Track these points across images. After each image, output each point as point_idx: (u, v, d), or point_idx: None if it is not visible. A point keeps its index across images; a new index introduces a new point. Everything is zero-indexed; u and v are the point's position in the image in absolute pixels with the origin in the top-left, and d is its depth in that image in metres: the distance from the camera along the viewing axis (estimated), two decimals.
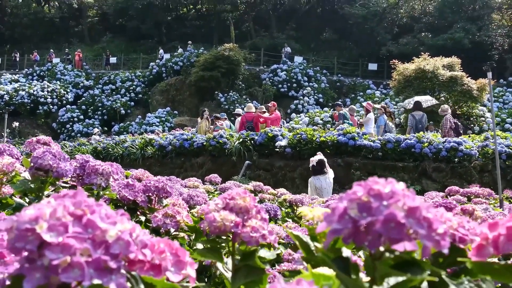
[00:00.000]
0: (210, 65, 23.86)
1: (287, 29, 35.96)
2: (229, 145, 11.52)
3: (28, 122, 25.92)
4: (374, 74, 28.35)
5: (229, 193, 1.01)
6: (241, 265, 0.97)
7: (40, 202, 0.59)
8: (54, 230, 0.56)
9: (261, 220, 0.98)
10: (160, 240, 0.71)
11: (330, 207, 0.55)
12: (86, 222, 0.58)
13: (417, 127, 11.88)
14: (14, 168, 1.88)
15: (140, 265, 0.66)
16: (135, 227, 0.61)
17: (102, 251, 0.57)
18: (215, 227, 0.94)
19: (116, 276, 0.57)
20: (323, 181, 7.00)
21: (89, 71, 30.68)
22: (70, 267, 0.54)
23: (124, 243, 0.59)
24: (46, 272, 0.54)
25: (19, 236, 0.56)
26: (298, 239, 0.84)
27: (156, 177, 2.24)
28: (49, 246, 0.55)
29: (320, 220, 0.83)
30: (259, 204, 1.05)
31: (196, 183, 4.56)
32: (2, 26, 39.31)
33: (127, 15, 37.84)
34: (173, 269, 0.70)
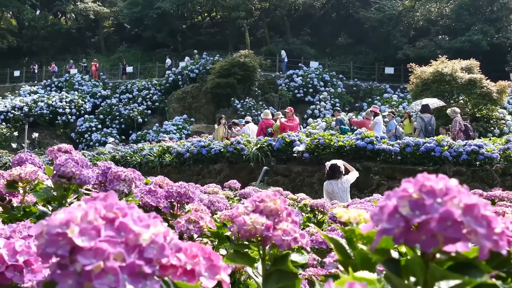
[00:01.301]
0: (226, 72, 23.91)
1: (302, 34, 35.92)
2: (247, 151, 11.50)
3: (47, 133, 26.23)
4: (391, 78, 28.12)
5: (259, 195, 0.98)
6: (272, 270, 0.94)
7: (71, 206, 0.57)
8: (86, 234, 0.53)
9: (292, 223, 0.95)
10: (193, 244, 0.68)
11: (378, 206, 0.52)
12: (118, 225, 0.56)
13: (426, 129, 11.76)
14: (37, 176, 1.87)
15: (173, 270, 0.63)
16: (168, 230, 0.59)
17: (135, 255, 0.54)
18: (246, 230, 0.91)
19: (150, 281, 0.55)
20: (335, 185, 6.96)
21: (106, 80, 30.98)
22: (104, 272, 0.52)
23: (158, 247, 0.56)
24: (78, 278, 0.52)
25: (50, 241, 0.53)
26: (334, 242, 0.81)
27: (178, 183, 2.22)
28: (81, 251, 0.52)
29: (357, 222, 0.79)
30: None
31: (216, 189, 4.54)
32: (20, 39, 39.92)
33: (143, 25, 38.16)
34: (207, 274, 0.67)
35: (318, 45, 35.03)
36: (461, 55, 19.61)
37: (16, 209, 1.89)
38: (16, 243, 0.88)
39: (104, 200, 0.58)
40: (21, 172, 1.82)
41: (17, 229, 1.14)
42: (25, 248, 0.88)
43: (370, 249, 0.54)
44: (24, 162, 2.14)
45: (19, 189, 1.87)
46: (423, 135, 11.43)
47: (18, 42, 39.47)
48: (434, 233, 0.46)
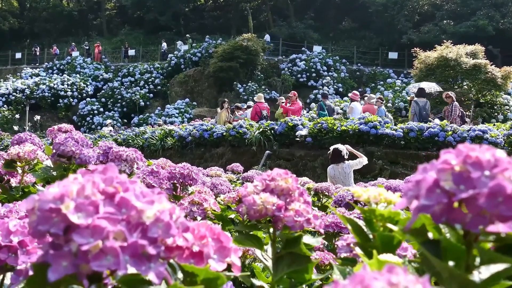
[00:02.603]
0: (229, 55, 23.73)
1: (306, 19, 35.60)
2: (249, 135, 11.44)
3: (49, 115, 26.16)
4: (395, 63, 27.89)
5: (269, 173, 0.92)
6: (283, 253, 0.88)
7: (66, 179, 0.51)
8: (83, 210, 0.47)
9: (304, 203, 0.89)
10: (200, 224, 0.62)
11: (412, 180, 0.46)
12: (119, 201, 0.50)
13: (421, 114, 11.62)
14: (36, 155, 1.82)
15: (179, 251, 0.57)
16: (174, 207, 0.53)
17: (138, 234, 0.48)
18: (255, 210, 0.85)
19: (155, 264, 0.49)
20: (336, 170, 6.96)
21: (108, 63, 30.80)
22: (103, 253, 0.46)
23: (164, 225, 0.50)
24: (74, 259, 0.46)
25: (42, 217, 0.47)
26: (352, 223, 0.75)
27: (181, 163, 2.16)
28: (77, 229, 0.46)
29: (377, 201, 0.73)
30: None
31: (218, 172, 4.48)
32: (22, 21, 39.65)
33: (145, 7, 37.85)
34: (216, 256, 0.61)
35: (322, 29, 34.73)
36: (466, 40, 19.41)
37: (14, 190, 1.83)
38: (10, 223, 0.82)
39: (103, 173, 0.52)
40: (19, 151, 1.76)
41: (13, 209, 1.09)
42: (20, 228, 0.83)
43: (404, 230, 0.48)
44: (23, 142, 2.08)
45: (18, 169, 1.82)
46: (417, 119, 11.33)
47: (20, 23, 39.22)
48: (482, 210, 0.40)
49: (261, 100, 13.77)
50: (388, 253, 0.69)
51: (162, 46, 31.20)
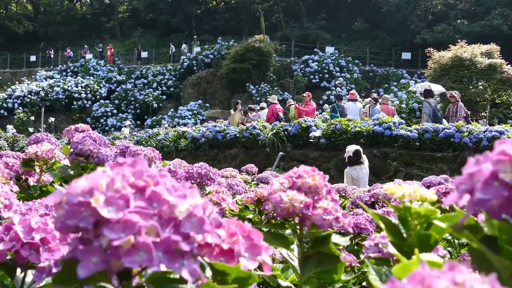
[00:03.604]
0: (241, 57, 23.73)
1: (318, 19, 35.50)
2: (263, 137, 11.41)
3: (63, 117, 26.37)
4: (408, 64, 27.69)
5: (295, 170, 0.90)
6: (311, 252, 0.85)
7: (94, 172, 0.48)
8: (113, 204, 0.45)
9: (332, 201, 0.86)
10: (230, 221, 0.60)
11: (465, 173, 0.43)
12: (150, 194, 0.47)
13: (435, 114, 11.47)
14: (53, 154, 1.81)
15: (208, 249, 0.55)
16: (207, 202, 0.50)
17: (171, 230, 0.46)
18: (283, 208, 0.82)
19: (188, 261, 0.46)
20: (359, 171, 6.85)
21: (121, 66, 30.99)
22: (134, 249, 0.43)
23: (197, 220, 0.47)
24: (104, 255, 0.43)
25: (71, 212, 0.45)
26: (385, 222, 0.72)
27: (198, 163, 2.15)
28: (107, 223, 0.44)
29: (412, 199, 0.70)
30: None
31: (233, 172, 4.47)
32: (36, 24, 40.04)
33: (157, 10, 38.03)
34: (247, 254, 0.58)
35: (334, 30, 34.60)
36: (480, 40, 19.19)
37: (32, 188, 1.83)
38: (32, 220, 0.81)
39: (132, 166, 0.50)
40: (37, 150, 1.75)
41: (33, 207, 1.07)
42: (41, 225, 0.81)
43: (457, 227, 0.45)
44: (40, 141, 2.08)
45: (36, 168, 1.81)
46: (431, 120, 11.19)
47: (34, 27, 39.59)
48: None
49: (275, 101, 13.75)
50: (425, 252, 0.66)
51: (171, 48, 31.36)
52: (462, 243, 1.68)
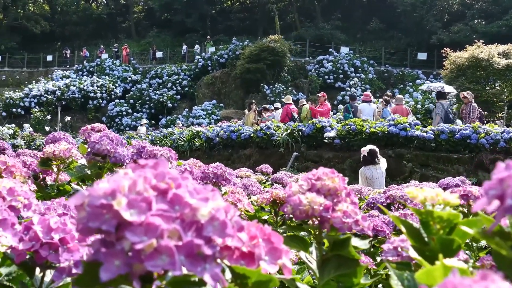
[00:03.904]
0: (255, 57, 23.73)
1: (333, 19, 35.38)
2: (277, 137, 11.40)
3: (79, 116, 26.62)
4: (424, 64, 27.46)
5: (314, 172, 0.89)
6: (330, 255, 0.84)
7: (116, 174, 0.48)
8: (135, 206, 0.45)
9: (352, 204, 0.85)
10: (250, 224, 0.59)
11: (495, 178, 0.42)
12: (172, 197, 0.47)
13: (447, 115, 11.35)
14: (70, 154, 1.82)
15: (228, 252, 0.54)
16: (229, 205, 0.50)
17: (193, 233, 0.46)
18: (302, 211, 0.81)
19: (210, 264, 0.46)
20: (374, 171, 6.79)
21: (136, 65, 31.19)
22: (157, 252, 0.43)
23: (219, 224, 0.47)
24: (127, 258, 0.43)
25: (93, 214, 0.45)
26: (406, 225, 0.71)
27: (214, 163, 2.14)
28: (129, 226, 0.44)
29: (434, 203, 0.69)
30: None
31: (248, 173, 4.46)
32: (53, 24, 40.47)
33: (172, 10, 38.20)
34: (268, 258, 0.58)
35: (349, 30, 34.45)
36: (497, 40, 18.95)
37: (50, 188, 1.84)
38: (51, 220, 0.81)
39: (154, 168, 0.49)
40: (55, 149, 1.76)
41: (51, 207, 1.08)
42: (60, 225, 0.81)
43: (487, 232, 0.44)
44: (57, 141, 2.09)
45: (53, 167, 1.83)
46: (443, 121, 11.08)
47: (51, 27, 40.01)
48: None
49: (289, 102, 13.74)
50: (448, 257, 0.65)
51: (183, 49, 31.51)
52: (481, 247, 1.66)
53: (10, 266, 0.89)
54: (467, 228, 0.60)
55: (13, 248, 0.77)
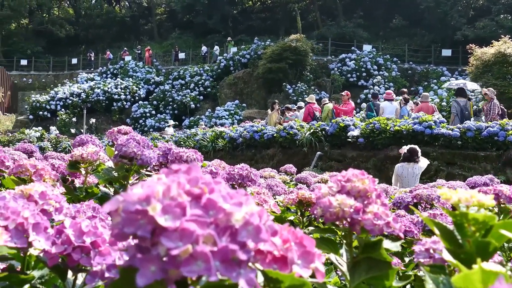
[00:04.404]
0: (277, 56, 23.71)
1: (355, 18, 35.14)
2: (300, 136, 11.37)
3: (103, 118, 26.97)
4: (448, 61, 27.04)
5: (344, 174, 0.88)
6: (361, 258, 0.84)
7: (150, 179, 0.48)
8: (170, 212, 0.45)
9: (382, 206, 0.84)
10: (282, 227, 0.59)
11: None
12: (205, 202, 0.47)
13: (463, 114, 11.15)
14: (98, 156, 1.84)
15: (261, 256, 0.54)
16: (263, 210, 0.49)
17: (227, 238, 0.45)
18: (332, 213, 0.81)
19: (245, 270, 0.46)
20: (405, 169, 6.81)
21: (159, 67, 31.46)
22: (192, 258, 0.43)
23: (253, 229, 0.47)
24: (162, 264, 0.43)
25: (128, 220, 0.45)
26: (440, 227, 0.70)
27: (239, 164, 2.15)
28: (164, 232, 0.44)
29: (469, 204, 0.68)
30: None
31: (272, 173, 4.46)
32: (77, 27, 41.12)
33: (194, 11, 38.44)
34: (300, 262, 0.57)
35: (371, 28, 34.15)
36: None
37: (78, 190, 1.86)
38: (82, 223, 0.82)
39: (187, 173, 0.49)
40: (83, 152, 1.79)
41: (81, 209, 1.09)
42: (92, 228, 0.82)
43: None
44: (85, 144, 2.12)
45: (81, 170, 1.85)
46: (459, 120, 10.90)
47: (75, 30, 40.68)
48: None
49: (312, 101, 13.68)
50: (484, 260, 0.63)
51: (202, 50, 31.70)
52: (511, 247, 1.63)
53: (42, 269, 0.90)
54: (507, 233, 0.59)
55: (46, 252, 0.79)
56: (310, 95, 14.54)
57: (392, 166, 10.06)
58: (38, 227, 0.77)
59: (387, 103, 12.28)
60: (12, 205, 0.74)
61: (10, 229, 0.72)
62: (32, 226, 0.75)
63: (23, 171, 1.65)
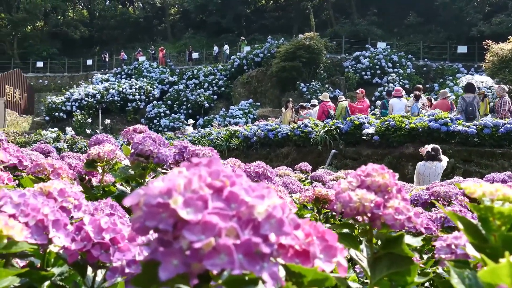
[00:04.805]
0: (291, 55, 23.66)
1: (368, 15, 34.95)
2: (314, 135, 11.33)
3: (118, 119, 27.15)
4: (464, 57, 26.75)
5: (363, 169, 0.87)
6: (381, 253, 0.82)
7: (171, 172, 0.48)
8: (191, 205, 0.44)
9: (403, 200, 0.83)
10: (303, 221, 0.58)
11: None
12: (227, 195, 0.46)
13: (467, 110, 10.98)
14: (115, 155, 1.85)
15: (283, 250, 0.53)
16: (285, 202, 0.49)
17: (250, 231, 0.45)
18: (352, 208, 0.80)
19: (268, 263, 0.45)
20: (427, 168, 6.90)
21: (173, 67, 31.57)
22: (215, 251, 0.42)
23: (276, 221, 0.46)
24: (185, 257, 0.43)
25: (149, 213, 0.45)
26: (464, 222, 0.68)
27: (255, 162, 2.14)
28: (187, 225, 0.43)
29: (493, 198, 0.66)
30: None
31: (287, 171, 4.44)
32: (91, 29, 41.48)
33: (207, 11, 38.54)
34: (322, 256, 0.56)
35: (385, 25, 33.94)
36: None
37: (95, 189, 1.87)
38: (101, 220, 0.82)
39: (208, 166, 0.49)
40: (99, 151, 1.79)
41: (99, 207, 1.09)
42: (111, 225, 0.82)
43: None
44: (101, 143, 2.13)
45: (98, 169, 1.86)
46: (464, 116, 10.75)
47: (90, 32, 41.05)
48: None
49: (326, 99, 13.62)
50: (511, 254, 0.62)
51: (214, 50, 31.80)
52: None
53: (62, 266, 0.90)
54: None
55: (65, 248, 0.79)
56: (324, 93, 14.47)
57: (407, 164, 10.00)
58: (58, 224, 0.77)
59: (396, 100, 12.19)
60: (32, 202, 0.74)
61: (30, 226, 0.72)
62: (52, 223, 0.75)
63: (41, 170, 1.66)
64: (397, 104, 12.02)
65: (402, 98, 12.43)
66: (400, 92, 12.51)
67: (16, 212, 0.72)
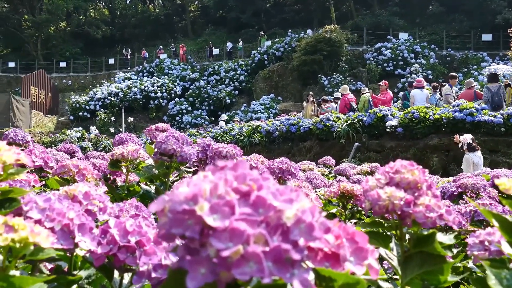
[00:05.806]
0: (312, 48, 23.51)
1: (390, 6, 34.49)
2: (337, 128, 11.25)
3: (141, 116, 27.36)
4: (488, 46, 26.19)
5: (392, 165, 0.84)
6: (412, 252, 0.80)
7: (196, 176, 0.47)
8: (218, 211, 0.43)
9: (434, 197, 0.80)
10: (332, 223, 0.56)
11: None
12: (255, 200, 0.45)
13: (493, 99, 10.74)
14: (138, 155, 1.85)
15: (311, 253, 0.51)
16: (315, 206, 0.47)
17: (279, 237, 0.43)
18: (381, 206, 0.78)
19: (298, 270, 0.43)
20: (478, 158, 7.19)
21: (194, 64, 31.67)
22: (244, 259, 0.41)
23: (306, 226, 0.44)
24: (213, 266, 0.41)
25: (175, 220, 0.43)
26: (499, 219, 0.66)
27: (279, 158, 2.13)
28: (214, 232, 0.42)
29: None
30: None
31: (311, 166, 4.42)
32: (113, 28, 41.87)
33: (227, 7, 38.54)
34: (353, 259, 0.55)
35: (407, 15, 33.45)
36: None
37: (120, 189, 1.88)
38: (127, 223, 0.81)
39: (233, 170, 0.47)
40: (123, 151, 1.80)
41: (124, 208, 1.09)
42: (136, 227, 0.81)
43: None
44: (124, 142, 2.14)
45: (122, 168, 1.86)
46: (490, 106, 10.51)
47: (111, 30, 41.43)
48: None
49: (346, 92, 13.50)
50: None
51: (227, 45, 31.78)
52: None
53: (89, 269, 0.90)
54: None
55: (92, 252, 0.78)
56: (343, 86, 14.34)
57: (432, 155, 9.87)
58: (83, 228, 0.76)
59: (418, 91, 11.99)
60: (57, 207, 0.74)
61: (56, 231, 0.72)
62: (78, 227, 0.75)
63: (66, 172, 1.67)
64: (419, 95, 11.84)
65: (424, 89, 12.23)
66: (422, 82, 12.30)
67: (41, 217, 0.72)
